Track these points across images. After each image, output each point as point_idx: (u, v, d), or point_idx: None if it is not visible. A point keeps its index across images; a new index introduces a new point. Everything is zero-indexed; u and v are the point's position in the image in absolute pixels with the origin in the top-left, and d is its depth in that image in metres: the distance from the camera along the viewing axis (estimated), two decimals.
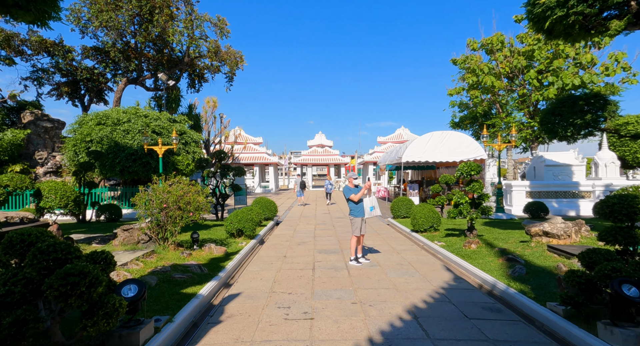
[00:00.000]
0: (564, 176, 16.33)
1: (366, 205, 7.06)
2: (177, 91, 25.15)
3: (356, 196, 7.00)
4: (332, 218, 14.97)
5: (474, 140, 17.58)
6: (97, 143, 14.81)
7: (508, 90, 22.50)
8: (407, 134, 42.36)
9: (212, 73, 27.18)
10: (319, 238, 10.22)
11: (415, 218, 10.00)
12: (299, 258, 7.72)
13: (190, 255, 6.98)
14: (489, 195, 8.12)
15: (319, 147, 45.20)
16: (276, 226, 12.99)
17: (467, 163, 8.39)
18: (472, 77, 21.80)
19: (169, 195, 6.94)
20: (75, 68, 21.19)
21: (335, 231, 11.46)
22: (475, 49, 22.49)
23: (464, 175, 8.41)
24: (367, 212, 7.06)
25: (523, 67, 20.26)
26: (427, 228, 9.86)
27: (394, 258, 7.56)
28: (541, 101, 20.47)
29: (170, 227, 7.01)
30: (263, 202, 13.24)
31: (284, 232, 11.38)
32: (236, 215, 9.23)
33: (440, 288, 5.55)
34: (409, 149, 17.56)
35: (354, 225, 7.11)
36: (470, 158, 17.49)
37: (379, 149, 40.30)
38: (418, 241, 9.38)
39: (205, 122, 32.02)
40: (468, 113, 27.89)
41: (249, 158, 37.45)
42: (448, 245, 8.17)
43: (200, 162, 12.36)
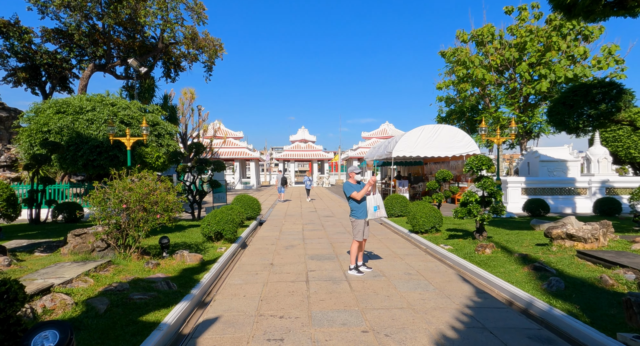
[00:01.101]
0: (559, 172, 15.83)
1: (370, 204, 6.02)
2: (150, 80, 23.38)
3: (359, 194, 5.94)
4: (320, 216, 13.90)
5: (466, 134, 16.85)
6: (56, 134, 13.17)
7: (497, 84, 21.96)
8: (391, 129, 41.74)
9: (190, 62, 25.52)
10: (309, 240, 9.12)
11: (415, 218, 9.05)
12: (289, 266, 6.61)
13: (157, 265, 5.75)
14: (501, 193, 7.24)
15: (301, 142, 44.00)
16: (260, 226, 11.82)
17: (477, 157, 7.46)
18: (462, 70, 21.10)
19: (131, 194, 5.68)
20: (33, 52, 19.15)
21: (326, 232, 10.40)
22: (465, 40, 21.80)
23: (474, 170, 7.48)
24: (371, 213, 6.02)
25: (515, 60, 19.69)
26: (428, 229, 8.93)
27: (398, 266, 6.56)
28: (532, 95, 19.98)
29: (132, 232, 5.75)
30: (245, 199, 12.02)
31: (269, 234, 10.22)
32: (214, 216, 8.01)
33: (465, 306, 4.57)
34: (399, 144, 16.66)
35: (355, 228, 6.06)
36: (463, 153, 16.77)
37: (363, 145, 39.50)
38: (420, 244, 8.43)
39: (182, 115, 30.30)
40: (455, 107, 27.35)
41: (229, 153, 35.89)
42: (456, 249, 7.24)
43: (174, 155, 11.03)
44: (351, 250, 6.14)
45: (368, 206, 6.03)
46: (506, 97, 21.22)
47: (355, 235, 6.08)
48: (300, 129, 46.20)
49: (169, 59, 24.36)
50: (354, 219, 6.07)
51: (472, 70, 20.46)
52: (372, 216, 6.04)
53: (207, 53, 23.32)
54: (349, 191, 6.01)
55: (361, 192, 5.94)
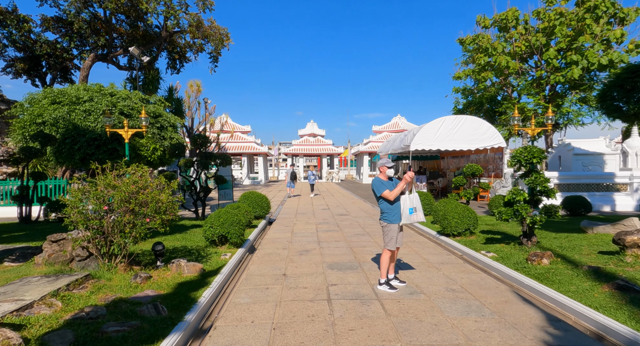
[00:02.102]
0: (595, 166, 14.51)
1: (404, 205, 4.92)
2: (155, 71, 22.43)
3: (392, 193, 4.84)
4: (334, 215, 12.84)
5: (491, 126, 15.58)
6: (51, 126, 12.27)
7: (521, 73, 20.52)
8: (403, 123, 40.38)
9: (195, 52, 24.51)
10: (325, 244, 8.07)
11: (446, 218, 7.93)
12: (305, 278, 5.56)
13: (147, 279, 4.75)
14: (555, 191, 6.07)
15: (310, 136, 42.91)
16: (269, 226, 10.81)
17: (526, 149, 6.29)
18: (483, 58, 19.71)
19: (116, 192, 4.67)
20: (33, 41, 18.30)
21: (343, 233, 9.33)
22: (487, 26, 20.33)
23: (522, 163, 6.32)
24: (406, 216, 4.91)
25: (542, 46, 18.24)
26: (461, 232, 7.80)
27: (436, 279, 5.47)
28: (559, 84, 18.53)
29: (118, 239, 4.75)
30: (253, 196, 11.01)
31: (279, 235, 9.20)
32: (218, 216, 6.99)
33: (543, 343, 3.47)
34: (418, 136, 15.46)
35: (387, 235, 4.97)
36: (487, 146, 15.51)
37: (374, 139, 38.24)
38: (454, 249, 7.31)
39: (189, 108, 29.38)
40: (473, 99, 25.95)
41: (236, 147, 34.98)
42: (502, 257, 6.11)
43: (175, 148, 10.04)
44: (381, 261, 5.06)
45: (402, 208, 4.94)
46: (531, 86, 19.79)
47: (386, 243, 5.00)
48: (309, 123, 45.08)
49: (174, 49, 23.38)
50: (386, 223, 4.98)
51: (494, 58, 19.06)
52: (407, 220, 4.94)
53: (212, 42, 22.27)
54: (379, 189, 4.90)
55: (395, 191, 4.84)
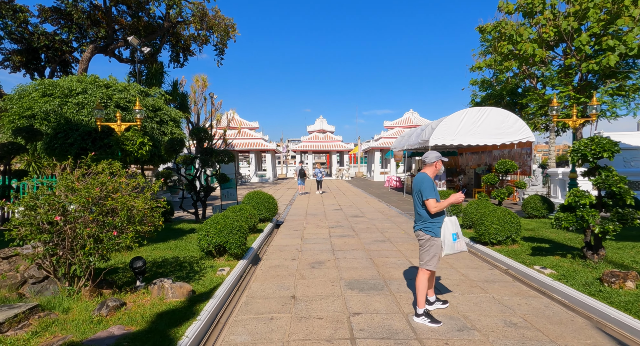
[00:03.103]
0: (638, 162, 13.07)
1: (446, 230, 3.80)
2: (158, 65, 21.49)
3: (441, 204, 3.70)
4: (347, 216, 11.69)
5: (519, 119, 14.27)
6: (42, 120, 11.37)
7: (548, 61, 19.03)
8: (416, 118, 38.93)
9: (200, 44, 23.52)
10: (341, 253, 6.93)
11: (483, 223, 6.72)
12: (319, 302, 4.44)
13: (117, 309, 3.68)
14: (633, 193, 4.83)
15: (319, 132, 41.78)
16: (276, 230, 9.72)
17: (594, 140, 5.04)
18: (507, 45, 18.25)
19: (76, 197, 3.60)
20: (30, 33, 17.47)
21: (360, 239, 8.18)
22: (511, 11, 18.85)
23: (589, 158, 5.07)
24: (449, 245, 3.79)
25: (573, 31, 16.74)
26: (502, 240, 6.59)
27: (487, 305, 4.29)
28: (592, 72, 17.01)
29: (81, 257, 3.68)
30: (258, 197, 9.92)
31: (287, 241, 8.09)
32: (215, 223, 5.90)
33: None
34: (438, 130, 14.22)
35: (429, 251, 3.83)
36: (514, 140, 14.21)
37: (386, 134, 36.91)
38: (494, 261, 6.11)
39: (195, 104, 28.49)
40: (493, 91, 24.50)
41: (244, 144, 34.03)
42: (564, 275, 4.90)
43: (172, 143, 9.00)
44: (417, 285, 3.89)
45: (444, 233, 3.81)
46: (559, 76, 18.29)
47: (427, 261, 3.84)
48: (318, 119, 43.94)
49: (177, 42, 22.40)
50: (429, 236, 3.81)
51: (519, 45, 17.61)
52: (451, 249, 3.81)
53: (217, 33, 21.23)
54: (429, 192, 3.69)
55: (443, 204, 3.69)
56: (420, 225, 3.86)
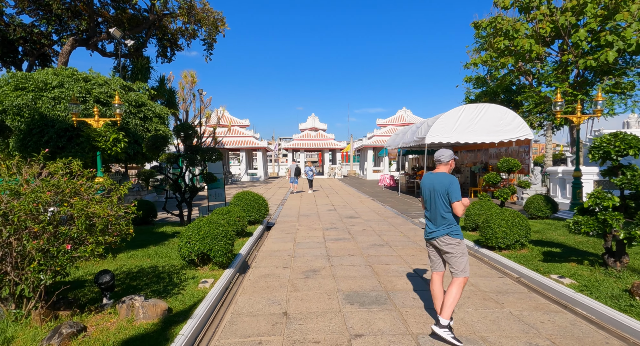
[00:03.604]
0: (631, 160, 12.77)
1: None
2: (144, 60, 20.63)
3: (464, 203, 3.37)
4: (342, 217, 11.15)
5: (517, 115, 13.88)
6: (14, 115, 10.60)
7: (544, 57, 18.74)
8: (409, 116, 38.57)
9: (188, 38, 22.70)
10: (337, 259, 6.38)
11: (490, 226, 6.24)
12: (315, 321, 3.89)
13: (73, 336, 3.08)
14: None
15: (312, 130, 41.18)
16: (267, 232, 9.14)
17: (617, 136, 4.56)
18: (503, 41, 17.88)
19: (20, 203, 2.97)
20: (5, 24, 16.52)
21: (356, 243, 7.64)
22: (507, 6, 18.46)
23: (613, 156, 4.60)
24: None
25: (570, 26, 16.43)
26: (510, 244, 6.11)
27: (505, 323, 3.78)
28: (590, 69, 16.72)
29: (29, 274, 3.06)
30: (248, 197, 9.31)
31: (279, 246, 7.51)
32: (198, 228, 5.30)
33: None
34: (434, 128, 13.75)
35: (463, 256, 3.48)
36: (512, 138, 13.82)
37: (379, 132, 36.49)
38: (504, 268, 5.62)
39: (183, 100, 27.64)
40: (488, 88, 24.18)
41: (234, 142, 33.27)
42: (586, 285, 4.42)
43: (154, 140, 8.34)
44: (456, 296, 3.40)
45: None
46: (555, 72, 17.98)
47: (464, 268, 3.43)
48: (310, 117, 43.34)
49: (164, 36, 21.57)
50: (459, 240, 3.43)
51: (516, 41, 17.25)
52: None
53: (205, 27, 20.47)
54: (457, 193, 3.38)
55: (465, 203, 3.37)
56: (446, 229, 3.46)
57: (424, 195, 3.66)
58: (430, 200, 3.54)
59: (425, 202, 3.65)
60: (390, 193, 18.66)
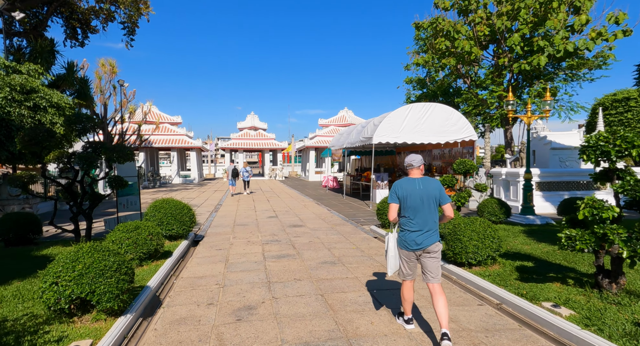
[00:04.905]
0: (572, 162, 13.21)
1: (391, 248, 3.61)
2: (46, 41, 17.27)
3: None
4: (285, 226, 9.79)
5: (462, 116, 13.67)
6: None
7: (481, 60, 19.18)
8: (351, 116, 38.39)
9: (104, 21, 19.65)
10: (280, 287, 5.01)
11: (459, 238, 5.34)
12: None
13: None
14: None
15: (251, 129, 39.17)
16: (193, 248, 7.46)
17: (616, 133, 3.82)
18: (444, 42, 17.90)
19: None
20: None
21: (303, 261, 6.34)
22: (447, 8, 18.55)
23: (612, 156, 3.84)
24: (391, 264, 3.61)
25: (505, 30, 16.85)
26: (481, 260, 5.26)
27: None
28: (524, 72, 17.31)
29: None
30: (168, 207, 7.52)
31: (205, 270, 5.92)
32: (74, 260, 3.59)
33: None
34: (381, 127, 12.99)
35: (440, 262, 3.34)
36: (458, 139, 13.58)
37: (321, 133, 35.69)
38: (479, 290, 4.70)
39: (101, 92, 24.20)
40: (428, 90, 24.47)
41: (164, 141, 30.12)
42: (588, 317, 3.60)
43: (32, 134, 6.21)
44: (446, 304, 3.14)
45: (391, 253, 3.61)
46: (492, 75, 18.44)
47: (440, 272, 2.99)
48: (249, 115, 41.29)
49: (72, 14, 18.34)
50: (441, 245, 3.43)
51: (457, 42, 17.33)
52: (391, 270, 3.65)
53: (124, 7, 17.76)
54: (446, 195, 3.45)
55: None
56: (437, 234, 3.45)
57: (408, 202, 3.38)
58: (420, 207, 3.36)
59: (408, 210, 3.39)
60: (334, 196, 17.69)
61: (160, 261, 6.00)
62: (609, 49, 16.64)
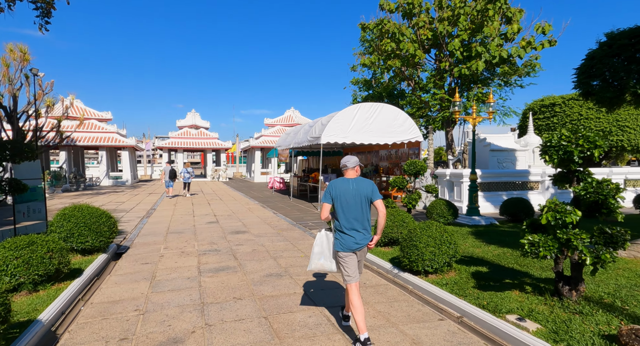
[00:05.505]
0: (508, 163, 13.85)
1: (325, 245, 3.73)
2: None
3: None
4: (226, 233, 8.90)
5: (408, 117, 13.71)
6: None
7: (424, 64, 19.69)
8: (298, 116, 37.85)
9: None
10: (216, 310, 4.23)
11: (414, 245, 4.97)
12: None
13: None
14: (620, 206, 3.58)
15: (192, 128, 36.99)
16: (114, 262, 6.33)
17: (578, 132, 3.61)
18: (390, 43, 18.05)
19: None
20: None
21: (245, 275, 5.58)
22: (392, 10, 18.78)
23: (575, 157, 3.63)
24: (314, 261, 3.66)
25: (447, 35, 17.39)
26: (438, 268, 4.93)
27: None
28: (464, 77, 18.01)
29: None
30: (81, 215, 6.30)
31: (124, 291, 4.92)
32: None
33: None
34: (330, 127, 12.57)
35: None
36: (404, 140, 13.60)
37: (267, 132, 34.68)
38: (438, 301, 4.34)
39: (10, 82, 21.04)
40: (374, 91, 24.70)
41: (91, 138, 27.14)
42: (554, 330, 3.35)
43: None
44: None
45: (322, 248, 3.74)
46: (434, 79, 18.99)
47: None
48: (190, 113, 39.01)
49: None
50: None
51: (402, 44, 17.54)
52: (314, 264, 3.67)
53: None
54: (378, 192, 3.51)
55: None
56: (370, 231, 3.55)
57: (342, 202, 3.42)
58: (353, 206, 3.42)
59: (341, 210, 3.43)
60: (281, 198, 16.97)
61: (64, 283, 4.88)
62: (536, 58, 17.94)
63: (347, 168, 3.58)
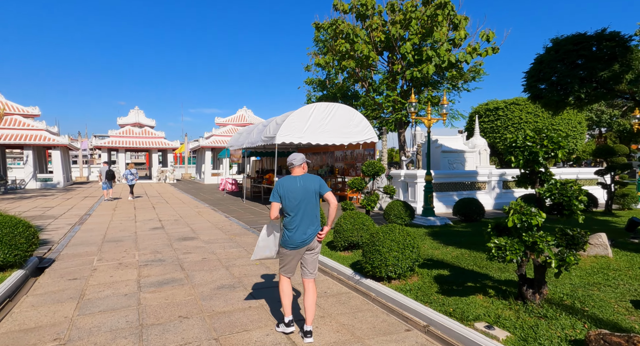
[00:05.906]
0: (458, 164, 14.33)
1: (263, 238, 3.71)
2: None
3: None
4: (172, 240, 8.13)
5: (364, 118, 13.70)
6: None
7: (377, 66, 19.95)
8: (250, 116, 36.83)
9: None
10: (157, 333, 3.65)
11: (377, 250, 4.74)
12: None
13: None
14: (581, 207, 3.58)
15: (135, 126, 34.53)
16: (34, 280, 5.41)
17: (541, 132, 3.56)
18: (344, 44, 18.02)
19: None
20: None
21: (193, 288, 5.00)
22: (346, 11, 18.79)
23: (540, 158, 3.57)
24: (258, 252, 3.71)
25: (399, 38, 17.71)
26: (401, 273, 4.75)
27: None
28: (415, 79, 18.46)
29: None
30: None
31: (44, 315, 4.13)
32: None
33: None
34: (285, 126, 12.15)
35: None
36: (360, 140, 13.56)
37: (218, 132, 33.34)
38: (403, 309, 4.13)
39: None
40: (329, 92, 24.62)
41: (14, 136, 24.21)
42: (523, 338, 3.24)
43: None
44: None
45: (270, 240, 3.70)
46: (387, 81, 19.28)
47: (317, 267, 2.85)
48: (133, 110, 36.37)
49: None
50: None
51: (356, 45, 17.58)
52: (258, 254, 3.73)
53: None
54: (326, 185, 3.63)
55: None
56: (318, 227, 3.54)
57: (289, 200, 3.41)
58: (301, 203, 3.43)
59: (289, 208, 3.42)
60: (233, 201, 16.20)
61: None
62: (480, 64, 18.92)
63: (293, 166, 3.58)
